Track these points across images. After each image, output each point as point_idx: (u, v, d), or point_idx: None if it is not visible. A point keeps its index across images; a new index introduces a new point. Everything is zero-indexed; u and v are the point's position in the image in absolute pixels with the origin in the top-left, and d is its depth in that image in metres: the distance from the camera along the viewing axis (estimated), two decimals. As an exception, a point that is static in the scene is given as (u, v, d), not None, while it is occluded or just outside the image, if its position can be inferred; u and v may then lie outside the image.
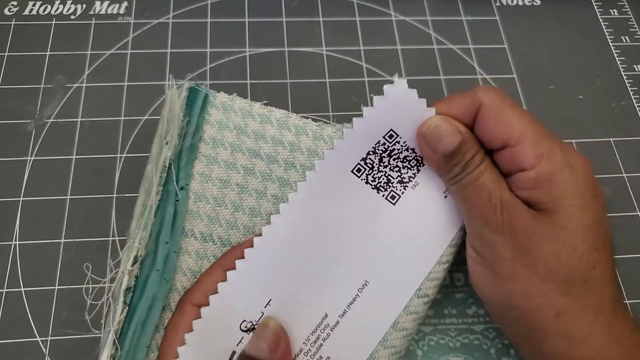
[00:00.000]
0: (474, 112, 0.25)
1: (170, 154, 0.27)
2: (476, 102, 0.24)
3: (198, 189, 0.27)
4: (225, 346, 0.24)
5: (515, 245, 0.23)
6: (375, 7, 0.42)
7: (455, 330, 0.29)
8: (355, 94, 0.37)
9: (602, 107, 0.38)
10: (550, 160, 0.23)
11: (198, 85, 0.29)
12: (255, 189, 0.28)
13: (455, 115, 0.25)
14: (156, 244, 0.26)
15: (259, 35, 0.39)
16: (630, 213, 0.34)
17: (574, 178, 0.23)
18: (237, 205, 0.27)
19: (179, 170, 0.27)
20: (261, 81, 0.37)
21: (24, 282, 0.30)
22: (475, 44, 0.40)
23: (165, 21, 0.40)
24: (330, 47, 0.39)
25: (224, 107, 0.29)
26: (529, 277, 0.22)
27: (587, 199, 0.23)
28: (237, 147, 0.28)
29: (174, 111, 0.28)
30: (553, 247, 0.22)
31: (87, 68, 0.37)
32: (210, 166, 0.28)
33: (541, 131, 0.24)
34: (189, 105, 0.28)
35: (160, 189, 0.27)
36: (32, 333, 0.28)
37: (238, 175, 0.28)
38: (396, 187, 0.26)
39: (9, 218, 0.31)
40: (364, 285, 0.25)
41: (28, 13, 0.39)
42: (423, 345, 0.29)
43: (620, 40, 0.41)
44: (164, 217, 0.27)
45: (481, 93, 0.25)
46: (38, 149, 0.34)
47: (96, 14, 0.39)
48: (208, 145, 0.28)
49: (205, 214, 0.27)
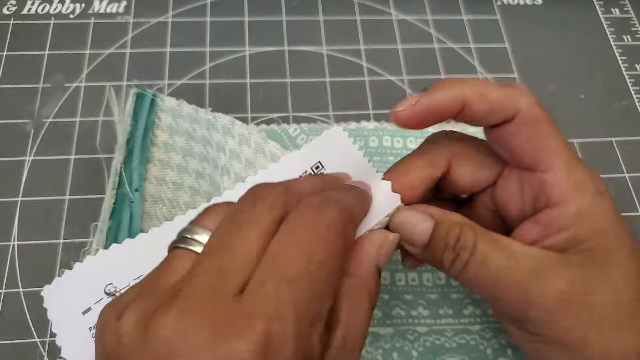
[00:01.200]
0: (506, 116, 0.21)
1: (121, 158, 0.29)
2: (514, 107, 0.21)
3: (154, 192, 0.29)
4: (85, 298, 0.23)
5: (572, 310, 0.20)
6: (375, 6, 0.41)
7: (452, 331, 0.29)
8: (355, 94, 0.37)
9: (604, 106, 0.38)
10: (585, 190, 0.20)
11: (145, 90, 0.30)
12: (205, 191, 0.29)
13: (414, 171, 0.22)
14: None
15: (259, 35, 0.39)
16: (632, 213, 0.34)
17: (608, 207, 0.21)
18: (190, 206, 0.29)
19: (132, 172, 0.29)
20: (261, 80, 0.37)
21: (22, 283, 0.30)
22: (476, 43, 0.40)
23: (164, 20, 0.39)
24: (330, 46, 0.39)
25: (172, 113, 0.30)
26: (599, 335, 0.20)
27: (621, 225, 0.21)
28: (187, 151, 0.30)
29: (119, 117, 0.30)
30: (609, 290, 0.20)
31: (85, 67, 0.37)
32: (164, 170, 0.29)
33: (572, 154, 0.21)
34: (136, 110, 0.30)
35: (114, 193, 0.28)
36: (31, 334, 0.28)
37: (190, 178, 0.30)
38: None
39: (8, 218, 0.31)
40: None
41: (27, 12, 0.39)
42: (419, 345, 0.29)
43: (621, 40, 0.41)
44: (121, 219, 0.28)
45: (523, 100, 0.21)
46: (37, 149, 0.34)
47: (95, 13, 0.39)
48: (161, 149, 0.30)
49: (162, 215, 0.29)
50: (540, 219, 0.21)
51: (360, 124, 0.35)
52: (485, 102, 0.20)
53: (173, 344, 0.14)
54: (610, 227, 0.20)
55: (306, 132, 0.34)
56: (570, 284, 0.20)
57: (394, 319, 0.29)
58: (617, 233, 0.20)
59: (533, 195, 0.21)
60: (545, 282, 0.20)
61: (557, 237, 0.21)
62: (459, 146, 0.23)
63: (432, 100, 0.21)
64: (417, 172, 0.22)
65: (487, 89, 0.21)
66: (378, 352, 0.28)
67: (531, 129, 0.21)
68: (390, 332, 0.29)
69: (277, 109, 0.36)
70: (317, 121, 0.35)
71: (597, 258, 0.20)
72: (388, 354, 0.28)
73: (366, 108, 0.37)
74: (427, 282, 0.30)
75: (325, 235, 0.17)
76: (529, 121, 0.21)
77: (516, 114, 0.21)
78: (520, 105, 0.21)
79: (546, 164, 0.21)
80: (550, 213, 0.21)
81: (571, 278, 0.20)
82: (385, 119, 0.36)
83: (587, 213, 0.20)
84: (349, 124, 0.35)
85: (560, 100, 0.38)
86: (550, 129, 0.21)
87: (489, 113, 0.21)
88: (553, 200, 0.20)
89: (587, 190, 0.20)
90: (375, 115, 0.36)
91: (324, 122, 0.35)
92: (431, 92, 0.21)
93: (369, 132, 0.35)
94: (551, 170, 0.20)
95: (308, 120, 0.35)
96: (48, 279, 0.30)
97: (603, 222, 0.20)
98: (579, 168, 0.21)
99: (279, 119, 0.35)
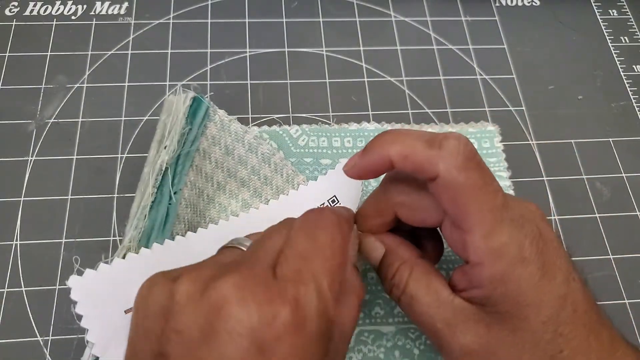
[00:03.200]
0: (428, 176, 0.21)
1: (167, 158, 0.28)
2: (434, 171, 0.21)
3: (187, 195, 0.29)
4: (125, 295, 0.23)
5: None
6: (375, 8, 0.42)
7: None
8: (355, 94, 0.37)
9: (602, 107, 0.38)
10: (503, 256, 0.20)
11: (202, 97, 0.30)
12: (219, 203, 0.30)
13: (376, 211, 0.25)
14: (147, 244, 0.27)
15: (259, 36, 0.39)
16: (630, 213, 0.34)
17: (528, 276, 0.21)
18: (204, 215, 0.30)
19: (175, 175, 0.29)
20: (261, 81, 0.37)
21: (24, 282, 0.30)
22: (474, 45, 0.40)
23: (166, 21, 0.40)
24: (330, 47, 0.39)
25: (221, 125, 0.31)
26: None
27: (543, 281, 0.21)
28: (219, 164, 0.30)
29: (176, 117, 0.29)
30: (513, 352, 0.21)
31: (87, 68, 0.37)
32: (197, 176, 0.30)
33: (497, 218, 0.21)
34: (191, 114, 0.30)
35: (155, 191, 0.28)
36: (33, 333, 0.29)
37: (211, 188, 0.30)
38: None
39: (10, 218, 0.31)
40: None
41: (29, 13, 0.39)
42: (420, 344, 0.29)
43: (619, 41, 0.41)
44: (156, 218, 0.28)
45: (442, 164, 0.21)
46: (39, 149, 0.34)
47: (97, 14, 0.40)
48: (200, 156, 0.30)
49: (187, 220, 0.29)
50: (465, 271, 0.22)
51: (361, 125, 0.35)
52: (408, 163, 0.21)
53: (227, 299, 0.17)
54: (525, 295, 0.21)
55: (307, 133, 0.34)
56: (476, 342, 0.21)
57: (396, 317, 0.29)
58: (533, 301, 0.21)
59: (461, 247, 0.22)
60: (452, 335, 0.22)
61: (476, 292, 0.21)
62: (403, 195, 0.24)
63: (364, 161, 0.23)
64: (371, 221, 0.25)
65: (413, 150, 0.21)
66: (380, 350, 0.28)
67: (451, 192, 0.21)
68: (392, 330, 0.29)
69: (278, 109, 0.36)
70: (318, 122, 0.36)
71: (507, 322, 0.21)
72: (390, 352, 0.28)
73: (366, 109, 0.37)
74: None
75: (324, 224, 0.21)
76: (447, 185, 0.21)
77: (436, 177, 0.21)
78: (439, 169, 0.21)
79: (466, 226, 0.21)
80: (470, 270, 0.21)
81: (478, 336, 0.21)
82: (385, 119, 0.36)
83: (501, 280, 0.21)
84: (350, 124, 0.35)
85: (558, 101, 0.38)
86: (471, 193, 0.21)
87: (413, 172, 0.22)
88: (471, 260, 0.21)
89: (505, 257, 0.20)
90: (375, 116, 0.36)
91: (325, 122, 0.36)
92: (364, 153, 0.23)
93: (369, 133, 0.35)
94: (470, 233, 0.21)
95: (309, 121, 0.36)
96: (50, 278, 0.30)
97: (517, 289, 0.20)
98: (502, 232, 0.21)
99: (280, 119, 0.36)
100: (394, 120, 0.36)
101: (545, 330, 0.21)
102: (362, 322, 0.29)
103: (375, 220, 0.25)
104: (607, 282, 0.32)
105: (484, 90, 0.38)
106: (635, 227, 0.34)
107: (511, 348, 0.21)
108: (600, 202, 0.35)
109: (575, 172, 0.35)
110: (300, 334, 0.17)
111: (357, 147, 0.34)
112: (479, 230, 0.21)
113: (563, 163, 0.36)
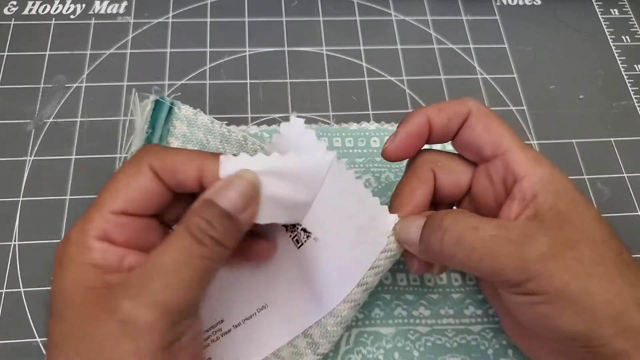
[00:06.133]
0: (462, 119, 0.25)
1: None
2: (466, 109, 0.25)
3: None
4: None
5: (570, 262, 0.21)
6: (375, 7, 0.41)
7: (453, 331, 0.29)
8: (355, 94, 0.37)
9: (603, 106, 0.38)
10: (543, 164, 0.23)
11: (163, 98, 0.30)
12: None
13: (444, 123, 0.25)
14: None
15: (259, 35, 0.39)
16: (631, 213, 0.34)
17: (562, 176, 0.24)
18: None
19: None
20: (261, 81, 0.37)
21: (23, 283, 0.30)
22: (475, 44, 0.40)
23: (165, 21, 0.39)
24: (330, 46, 0.39)
25: (188, 121, 0.30)
26: (599, 284, 0.21)
27: (578, 193, 0.23)
28: None
29: (137, 123, 0.30)
30: (592, 244, 0.21)
31: (86, 68, 0.37)
32: None
33: (523, 143, 0.25)
34: (153, 117, 0.30)
35: None
36: (32, 333, 0.28)
37: None
38: (300, 234, 0.26)
39: (9, 218, 0.31)
40: (263, 307, 0.27)
41: (27, 13, 0.39)
42: (420, 345, 0.29)
43: (620, 40, 0.41)
44: None
45: (471, 102, 0.25)
46: (37, 149, 0.34)
47: (96, 13, 0.39)
48: None
49: None
50: (514, 195, 0.23)
51: (362, 125, 0.35)
52: (443, 114, 0.25)
53: None
54: (572, 191, 0.23)
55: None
56: (554, 245, 0.21)
57: (396, 319, 0.29)
58: (579, 198, 0.23)
59: (501, 179, 0.24)
60: (534, 243, 0.21)
61: (532, 205, 0.23)
62: (436, 158, 0.26)
63: (406, 128, 0.25)
64: (417, 194, 0.25)
65: (442, 105, 0.25)
66: (380, 352, 0.28)
67: (484, 121, 0.25)
68: (392, 331, 0.29)
69: (277, 109, 0.36)
70: (318, 121, 0.36)
71: (567, 221, 0.22)
72: (389, 354, 0.28)
73: (366, 108, 0.37)
74: (428, 282, 0.30)
75: None
76: (480, 116, 0.25)
77: (469, 113, 0.25)
78: (470, 105, 0.25)
79: (505, 147, 0.24)
80: (519, 186, 0.23)
81: (553, 239, 0.21)
82: (385, 119, 0.36)
83: (549, 180, 0.23)
84: (350, 124, 0.35)
85: (559, 101, 0.38)
86: (499, 120, 0.25)
87: (448, 120, 0.25)
88: (519, 174, 0.23)
89: (543, 163, 0.23)
90: (375, 115, 0.36)
91: (325, 122, 0.36)
92: (403, 123, 0.26)
93: (370, 133, 0.35)
94: (510, 152, 0.24)
95: (309, 121, 0.35)
96: (49, 278, 0.30)
97: (564, 187, 0.23)
98: (530, 148, 0.24)
99: (280, 119, 0.36)
100: (394, 119, 0.36)
101: (600, 223, 0.22)
102: (361, 323, 0.29)
103: (421, 191, 0.25)
104: (608, 282, 0.32)
105: (485, 90, 0.38)
106: (636, 227, 0.34)
107: (586, 243, 0.21)
108: (601, 201, 0.34)
109: (576, 171, 0.35)
110: None
111: (358, 147, 0.34)
112: (516, 146, 0.24)
113: (564, 163, 0.36)
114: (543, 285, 0.21)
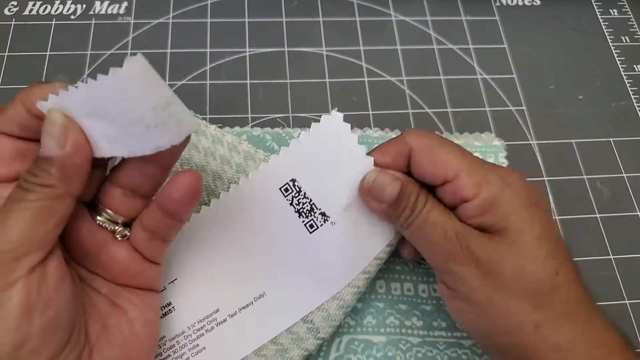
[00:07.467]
0: (406, 156, 0.26)
1: None
2: (407, 147, 0.26)
3: None
4: None
5: (483, 272, 0.23)
6: (375, 7, 0.42)
7: (444, 344, 0.29)
8: (355, 94, 0.37)
9: (602, 107, 0.38)
10: (489, 185, 0.25)
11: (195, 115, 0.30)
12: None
13: (388, 164, 0.26)
14: None
15: (259, 35, 0.39)
16: (630, 213, 0.34)
17: (515, 194, 0.25)
18: None
19: None
20: (261, 81, 0.37)
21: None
22: (475, 44, 0.40)
23: (165, 21, 0.40)
24: (330, 47, 0.39)
25: (213, 138, 0.30)
26: (503, 299, 0.23)
27: (531, 211, 0.24)
28: (186, 161, 0.30)
29: None
30: (515, 262, 0.23)
31: (87, 68, 0.37)
32: None
33: (474, 160, 0.26)
34: None
35: None
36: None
37: None
38: (317, 217, 0.27)
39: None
40: (260, 296, 0.27)
41: (28, 13, 0.39)
42: (410, 356, 0.28)
43: (620, 40, 0.41)
44: None
45: (409, 138, 0.26)
46: (38, 149, 0.34)
47: (96, 14, 0.39)
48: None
49: None
50: (459, 213, 0.25)
51: (365, 132, 0.35)
52: (386, 156, 0.26)
53: None
54: (516, 212, 0.24)
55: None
56: (482, 249, 0.24)
57: (388, 328, 0.29)
58: (524, 218, 0.24)
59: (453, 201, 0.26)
60: (463, 243, 0.24)
61: (473, 221, 0.25)
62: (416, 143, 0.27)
63: None
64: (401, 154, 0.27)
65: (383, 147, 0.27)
66: None
67: (428, 155, 0.26)
68: (383, 340, 0.29)
69: (277, 109, 0.36)
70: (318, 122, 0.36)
71: (505, 236, 0.24)
72: (379, 363, 0.28)
73: (366, 109, 0.37)
74: (422, 293, 0.30)
75: None
76: (422, 150, 0.26)
77: (410, 151, 0.26)
78: (409, 142, 0.26)
79: (452, 174, 0.25)
80: (463, 207, 0.25)
81: (483, 244, 0.24)
82: (385, 119, 0.36)
83: (492, 203, 0.24)
84: (354, 130, 0.35)
85: (558, 101, 0.38)
86: (444, 148, 0.26)
87: (393, 160, 0.26)
88: (466, 197, 0.25)
89: (491, 185, 0.25)
90: (375, 116, 0.36)
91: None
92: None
93: (373, 140, 0.35)
94: (458, 177, 0.25)
95: (308, 121, 0.35)
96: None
97: (508, 208, 0.24)
98: (480, 170, 0.25)
99: (281, 119, 0.36)
100: (394, 120, 0.36)
101: (541, 246, 0.24)
102: (353, 330, 0.29)
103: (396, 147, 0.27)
104: (607, 282, 0.32)
105: (485, 90, 0.38)
106: (636, 227, 0.34)
107: (512, 259, 0.23)
108: (600, 202, 0.34)
109: (576, 172, 0.35)
110: None
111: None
112: (463, 172, 0.25)
113: (564, 163, 0.36)
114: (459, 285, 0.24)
